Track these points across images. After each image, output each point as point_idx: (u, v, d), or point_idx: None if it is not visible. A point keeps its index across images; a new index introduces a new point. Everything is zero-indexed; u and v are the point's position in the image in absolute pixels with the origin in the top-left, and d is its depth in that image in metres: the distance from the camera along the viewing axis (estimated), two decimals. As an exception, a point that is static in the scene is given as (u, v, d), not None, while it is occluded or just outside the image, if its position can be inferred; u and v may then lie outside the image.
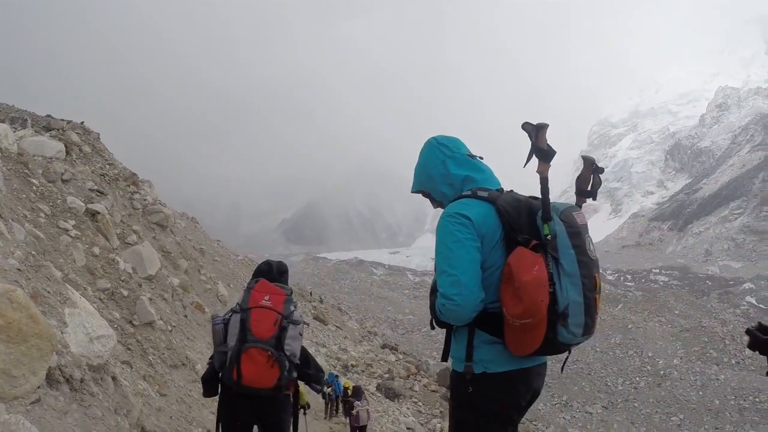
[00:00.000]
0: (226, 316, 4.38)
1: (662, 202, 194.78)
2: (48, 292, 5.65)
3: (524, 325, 2.60)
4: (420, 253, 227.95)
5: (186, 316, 11.46)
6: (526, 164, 2.86)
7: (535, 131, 2.76)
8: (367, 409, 14.70)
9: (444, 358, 2.99)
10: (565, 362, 3.04)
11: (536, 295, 2.55)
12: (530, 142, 2.81)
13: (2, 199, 7.38)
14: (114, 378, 5.93)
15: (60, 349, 4.84)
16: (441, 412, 29.92)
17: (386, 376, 34.57)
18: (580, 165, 3.05)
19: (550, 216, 2.68)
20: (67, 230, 8.76)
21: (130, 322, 8.67)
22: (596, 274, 2.65)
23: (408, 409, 28.93)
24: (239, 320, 4.23)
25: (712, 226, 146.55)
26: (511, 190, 3.02)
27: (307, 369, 4.63)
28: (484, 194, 2.85)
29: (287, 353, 4.21)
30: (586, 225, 2.74)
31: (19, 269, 5.54)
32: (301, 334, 4.36)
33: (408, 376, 37.81)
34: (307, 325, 4.70)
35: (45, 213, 8.60)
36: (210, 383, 4.57)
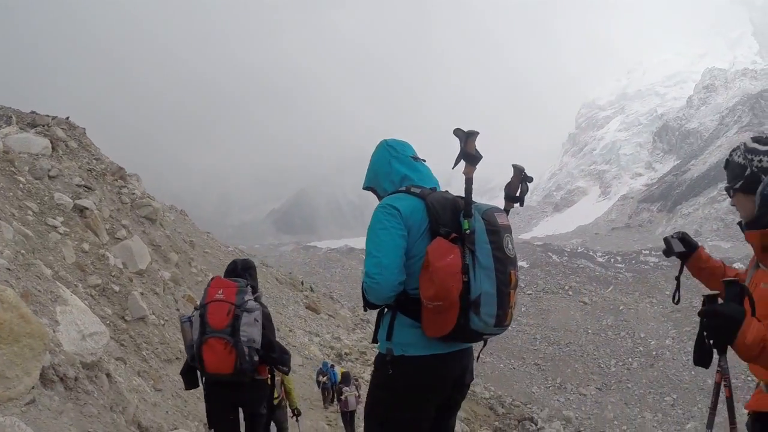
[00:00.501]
0: (192, 315, 4.84)
1: (651, 183, 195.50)
2: (38, 290, 5.61)
3: (437, 308, 2.83)
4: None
5: (178, 310, 11.42)
6: (454, 166, 3.07)
7: (465, 137, 3.03)
8: (356, 395, 15.13)
9: (373, 340, 3.15)
10: (480, 352, 3.28)
11: (447, 279, 2.78)
12: (460, 147, 3.08)
13: (-11, 197, 7.32)
14: (108, 375, 5.91)
15: (53, 348, 4.81)
16: (435, 398, 30.15)
17: (380, 363, 34.68)
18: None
19: (470, 213, 2.93)
20: (56, 227, 8.70)
21: (123, 317, 8.64)
22: (512, 270, 2.88)
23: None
24: (199, 315, 4.69)
25: (701, 206, 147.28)
26: (446, 191, 3.26)
27: (271, 353, 4.88)
28: (417, 191, 3.10)
29: (243, 339, 4.58)
30: (507, 226, 2.98)
31: (8, 269, 5.50)
32: (257, 320, 4.73)
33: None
34: (266, 310, 4.94)
35: (33, 210, 8.53)
36: (187, 376, 5.03)
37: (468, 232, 2.88)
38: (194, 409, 8.09)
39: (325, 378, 19.00)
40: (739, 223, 3.00)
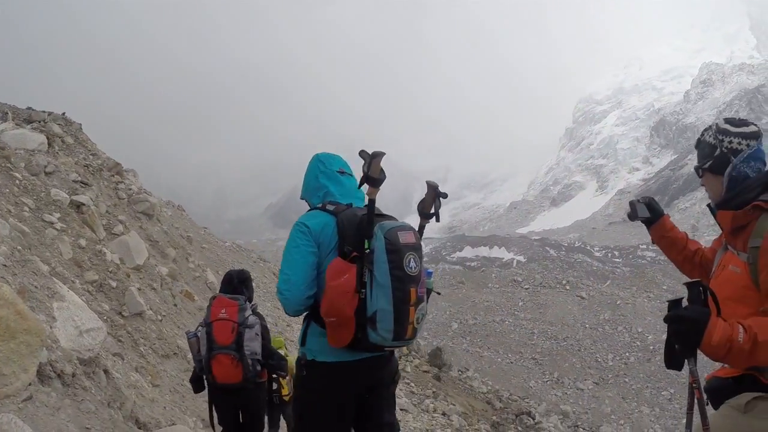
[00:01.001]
0: (197, 331, 5.43)
1: (648, 178, 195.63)
2: (35, 286, 5.60)
3: (331, 323, 3.08)
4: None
5: (176, 305, 11.42)
6: (359, 186, 3.28)
7: (370, 159, 3.13)
8: None
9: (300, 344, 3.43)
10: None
11: (338, 298, 3.00)
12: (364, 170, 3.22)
13: (-15, 193, 7.29)
14: (106, 371, 5.91)
15: (50, 344, 4.81)
16: (434, 392, 30.12)
17: (378, 358, 34.68)
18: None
19: (370, 234, 3.06)
20: (53, 223, 8.68)
21: (120, 313, 8.63)
22: (412, 288, 2.98)
23: (401, 390, 29.09)
24: (205, 333, 5.29)
25: (698, 201, 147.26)
26: (360, 208, 3.39)
27: (270, 360, 5.58)
28: (331, 208, 3.31)
29: (247, 353, 5.23)
30: (411, 244, 3.05)
31: (4, 265, 5.49)
32: (257, 334, 5.38)
33: (399, 357, 38.00)
34: (263, 322, 5.58)
35: (29, 207, 8.51)
36: (196, 383, 5.63)
37: (368, 251, 3.04)
38: (192, 404, 8.10)
39: None
40: (709, 206, 3.00)
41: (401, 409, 23.92)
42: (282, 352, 7.91)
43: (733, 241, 2.74)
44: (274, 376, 6.13)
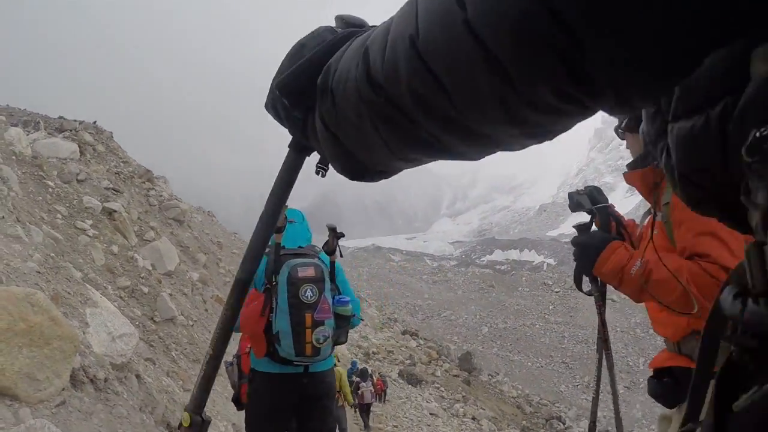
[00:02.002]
0: (234, 360, 5.59)
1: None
2: (68, 293, 5.68)
3: (249, 337, 3.86)
4: (437, 238, 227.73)
5: (206, 310, 11.51)
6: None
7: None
8: (371, 390, 17.11)
9: None
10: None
11: (246, 320, 3.66)
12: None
13: (19, 202, 7.42)
14: (138, 376, 5.96)
15: (83, 350, 4.87)
16: (463, 396, 29.99)
17: (408, 362, 34.65)
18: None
19: (275, 271, 3.71)
20: (85, 230, 8.80)
21: (152, 318, 8.72)
22: (308, 314, 3.60)
23: (430, 394, 29.01)
24: (236, 365, 5.36)
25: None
26: (295, 248, 4.03)
27: None
28: (267, 250, 3.62)
29: None
30: (308, 278, 3.68)
31: (38, 272, 5.57)
32: None
33: (429, 362, 37.90)
34: None
35: (62, 214, 8.65)
36: (237, 403, 5.67)
37: (274, 284, 3.69)
38: (223, 409, 8.14)
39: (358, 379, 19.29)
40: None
41: (431, 414, 23.85)
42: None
43: (653, 201, 2.59)
44: None
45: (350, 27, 0.85)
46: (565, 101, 0.52)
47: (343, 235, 3.95)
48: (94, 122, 14.66)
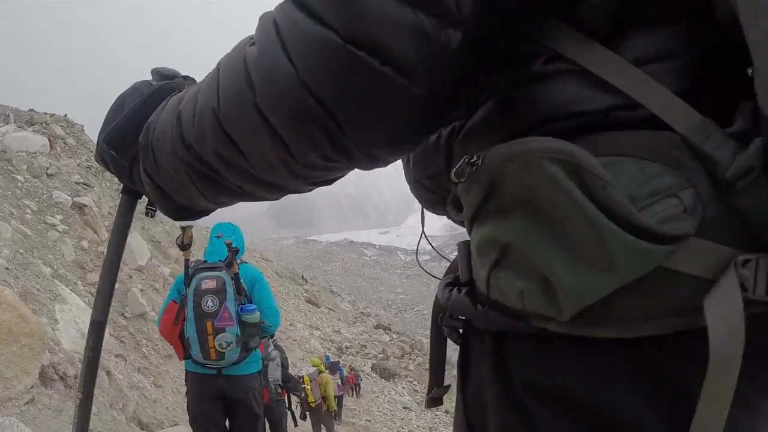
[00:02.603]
0: None
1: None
2: (37, 289, 5.64)
3: (169, 342, 4.25)
4: (411, 232, 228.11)
5: (178, 306, 11.45)
6: (182, 250, 4.11)
7: (183, 231, 4.01)
8: (338, 383, 17.18)
9: None
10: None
11: (163, 327, 4.14)
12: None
13: (-13, 196, 7.33)
14: (108, 372, 5.94)
15: (52, 347, 4.84)
16: (436, 390, 30.10)
17: (381, 356, 34.71)
18: None
19: (188, 283, 4.08)
20: (55, 225, 8.71)
21: (122, 314, 8.66)
22: (209, 322, 3.97)
23: (404, 388, 29.14)
24: None
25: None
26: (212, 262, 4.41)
27: (288, 383, 6.94)
28: (191, 265, 4.28)
29: (271, 380, 6.37)
30: (210, 289, 4.05)
31: (6, 268, 5.52)
32: (278, 364, 6.66)
33: (402, 356, 37.99)
34: (283, 354, 7.01)
35: (31, 209, 8.55)
36: None
37: (184, 295, 4.07)
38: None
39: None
40: None
41: (404, 407, 23.94)
42: (318, 369, 10.73)
43: None
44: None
45: (164, 79, 0.98)
46: (331, 162, 0.70)
47: (238, 250, 4.28)
48: (65, 115, 14.48)
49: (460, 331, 0.84)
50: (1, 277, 5.18)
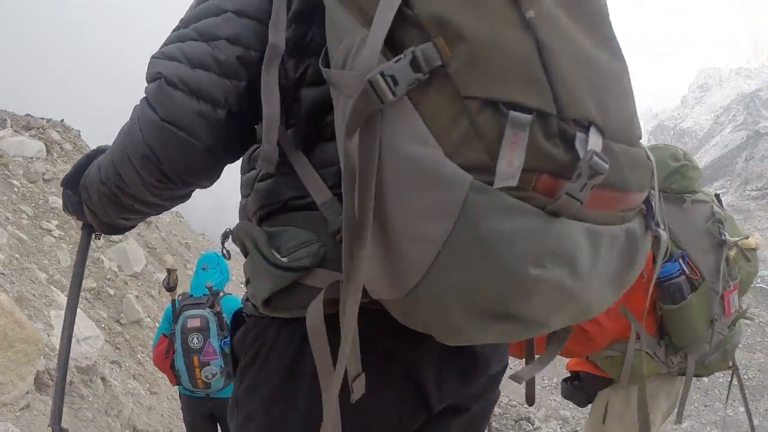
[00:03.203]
0: None
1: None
2: (33, 295, 5.62)
3: (162, 371, 4.66)
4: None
5: (174, 313, 11.41)
6: (168, 291, 4.61)
7: (168, 274, 4.53)
8: None
9: None
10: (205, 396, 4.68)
11: (156, 357, 4.53)
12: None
13: (-17, 202, 7.31)
14: (103, 378, 5.92)
15: (47, 353, 4.82)
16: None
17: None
18: None
19: (176, 320, 4.41)
20: (51, 231, 8.69)
21: (118, 320, 8.64)
22: (195, 357, 4.33)
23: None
24: None
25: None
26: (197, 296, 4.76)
27: None
28: (178, 299, 4.65)
29: None
30: (194, 328, 4.39)
31: (2, 273, 5.51)
32: None
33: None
34: None
35: (27, 214, 8.53)
36: None
37: (173, 332, 4.41)
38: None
39: None
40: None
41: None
42: None
43: None
44: None
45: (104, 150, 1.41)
46: (165, 185, 1.16)
47: (218, 293, 4.59)
48: (62, 120, 14.44)
49: None
50: (-3, 282, 5.17)
